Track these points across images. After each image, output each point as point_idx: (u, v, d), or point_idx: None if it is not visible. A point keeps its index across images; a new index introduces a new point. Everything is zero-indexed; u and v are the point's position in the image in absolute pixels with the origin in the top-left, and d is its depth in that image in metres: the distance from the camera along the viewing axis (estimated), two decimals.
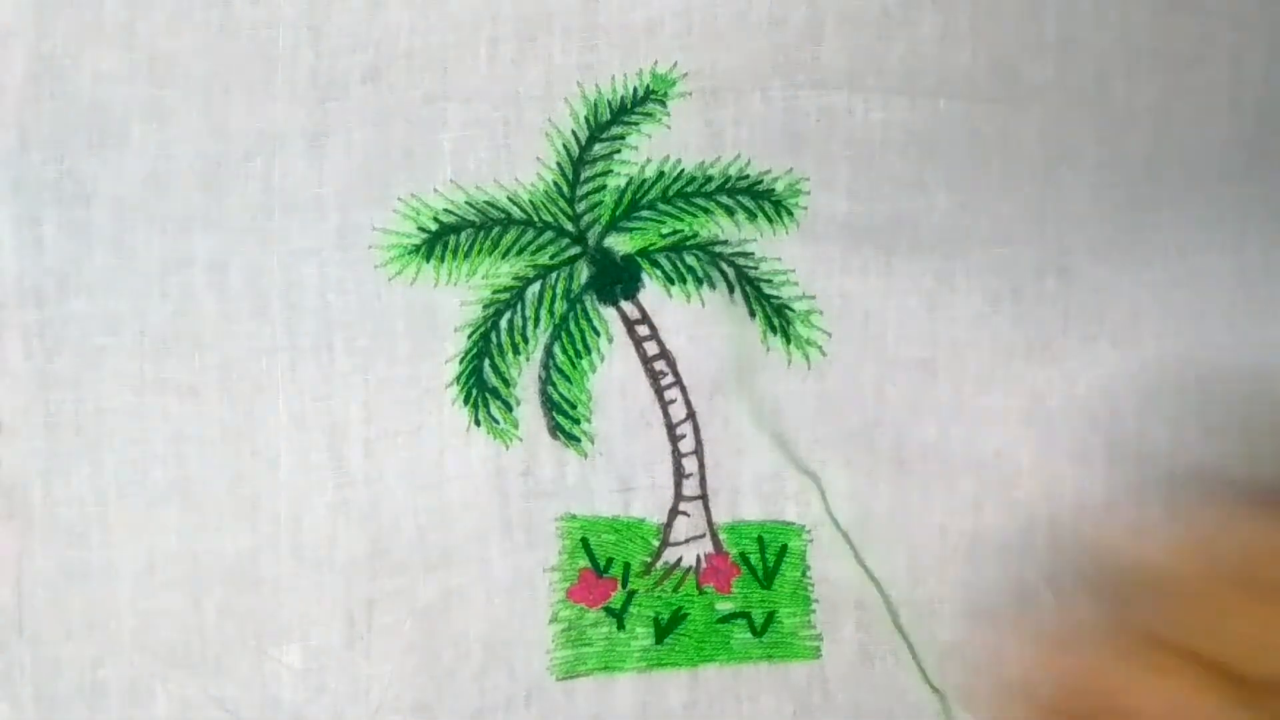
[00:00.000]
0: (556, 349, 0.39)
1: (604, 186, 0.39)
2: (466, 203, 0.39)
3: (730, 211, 0.39)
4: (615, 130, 0.39)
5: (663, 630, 0.41)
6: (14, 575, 0.38)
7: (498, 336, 0.39)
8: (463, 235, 0.39)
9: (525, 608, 0.40)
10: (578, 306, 0.39)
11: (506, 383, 0.39)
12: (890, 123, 0.39)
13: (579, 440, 0.40)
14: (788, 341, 0.40)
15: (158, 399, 0.38)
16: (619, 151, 0.39)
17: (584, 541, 0.40)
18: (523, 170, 0.39)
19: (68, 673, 0.39)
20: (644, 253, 0.40)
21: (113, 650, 0.39)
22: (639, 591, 0.41)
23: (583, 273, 0.39)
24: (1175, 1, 0.40)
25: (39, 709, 0.39)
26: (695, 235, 0.39)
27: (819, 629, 0.41)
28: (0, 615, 0.39)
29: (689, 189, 0.39)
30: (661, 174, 0.39)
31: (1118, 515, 0.40)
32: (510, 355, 0.39)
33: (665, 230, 0.39)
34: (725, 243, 0.40)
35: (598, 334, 0.40)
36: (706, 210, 0.39)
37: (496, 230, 0.39)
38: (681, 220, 0.39)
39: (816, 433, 0.40)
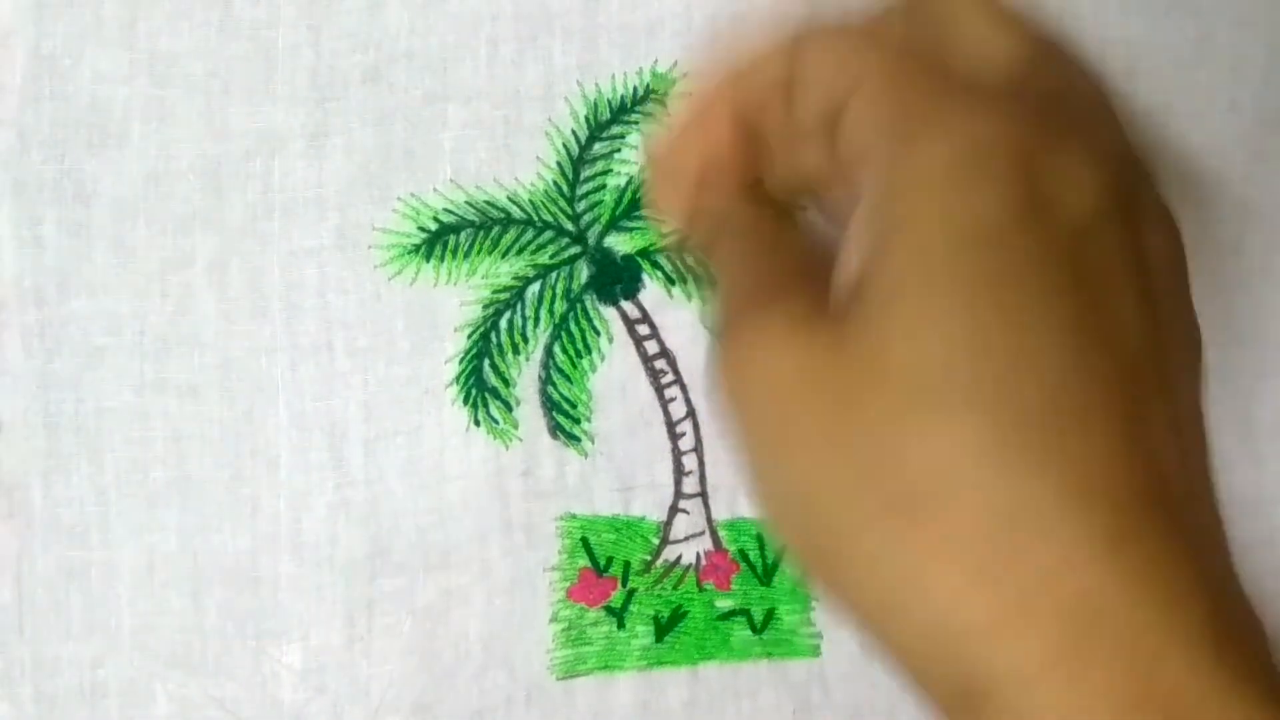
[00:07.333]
0: (556, 349, 0.39)
1: (604, 186, 0.39)
2: (466, 202, 0.39)
3: None
4: (615, 129, 0.39)
5: (663, 629, 0.41)
6: (14, 575, 0.38)
7: (497, 336, 0.39)
8: (462, 235, 0.39)
9: (525, 607, 0.40)
10: (578, 306, 0.39)
11: (506, 383, 0.39)
12: None
13: (579, 440, 0.40)
14: None
15: (158, 399, 0.38)
16: (619, 151, 0.39)
17: (584, 541, 0.40)
18: (523, 170, 0.39)
19: (68, 673, 0.39)
20: (644, 253, 0.39)
21: (113, 650, 0.39)
22: (639, 590, 0.41)
23: (583, 272, 0.39)
24: (1174, 2, 0.40)
25: (39, 709, 0.39)
26: None
27: (819, 626, 0.41)
28: (0, 615, 0.38)
29: None
30: None
31: None
32: (510, 355, 0.39)
33: (665, 231, 0.39)
34: None
35: (598, 334, 0.40)
36: None
37: (496, 230, 0.39)
38: None
39: None
